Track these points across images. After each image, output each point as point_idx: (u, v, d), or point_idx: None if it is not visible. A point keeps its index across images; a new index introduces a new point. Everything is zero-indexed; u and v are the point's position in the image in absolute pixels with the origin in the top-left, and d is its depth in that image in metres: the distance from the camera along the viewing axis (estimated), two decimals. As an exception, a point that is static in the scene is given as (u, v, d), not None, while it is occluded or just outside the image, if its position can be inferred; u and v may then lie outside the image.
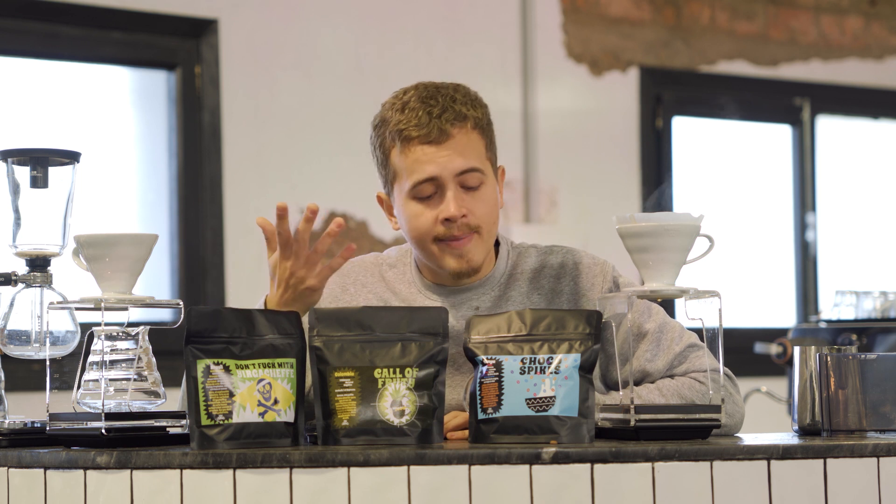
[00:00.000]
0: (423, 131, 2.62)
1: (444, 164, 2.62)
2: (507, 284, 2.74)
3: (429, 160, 2.62)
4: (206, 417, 2.23)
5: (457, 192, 2.63)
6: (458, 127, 2.63)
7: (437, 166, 2.62)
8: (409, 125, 2.62)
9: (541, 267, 2.75)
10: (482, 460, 2.17)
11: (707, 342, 2.49)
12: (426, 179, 2.63)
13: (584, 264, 2.74)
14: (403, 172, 2.64)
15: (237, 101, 5.15)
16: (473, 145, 2.65)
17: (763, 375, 5.45)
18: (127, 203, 5.09)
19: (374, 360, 2.31)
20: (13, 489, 2.33)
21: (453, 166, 2.62)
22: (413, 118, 2.63)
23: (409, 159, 2.63)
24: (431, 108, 2.63)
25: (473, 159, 2.65)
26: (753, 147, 6.31)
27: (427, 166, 2.62)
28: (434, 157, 2.62)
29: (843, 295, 4.94)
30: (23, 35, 4.89)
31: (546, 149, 5.70)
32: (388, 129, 2.65)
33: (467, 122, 2.65)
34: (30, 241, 2.59)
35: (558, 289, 2.73)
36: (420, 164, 2.62)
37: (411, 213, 2.66)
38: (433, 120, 2.62)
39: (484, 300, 2.72)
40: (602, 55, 5.86)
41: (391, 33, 5.44)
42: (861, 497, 2.29)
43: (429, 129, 2.62)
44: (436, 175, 2.62)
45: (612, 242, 2.65)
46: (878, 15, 6.47)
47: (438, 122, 2.62)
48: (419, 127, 2.62)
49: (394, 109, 2.66)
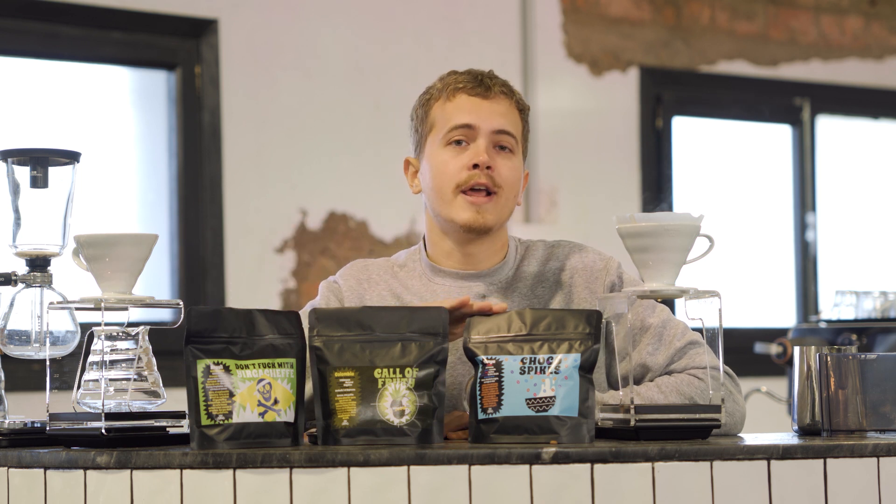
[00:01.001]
0: (472, 84, 2.76)
1: (484, 117, 2.73)
2: (515, 277, 2.77)
3: (471, 108, 2.74)
4: (206, 417, 2.23)
5: (488, 146, 2.73)
6: (503, 95, 2.77)
7: (478, 116, 2.73)
8: (459, 80, 2.77)
9: (547, 259, 2.79)
10: (482, 460, 2.17)
11: (707, 342, 2.50)
12: (464, 125, 2.73)
13: (590, 258, 2.78)
14: (442, 121, 2.75)
15: (237, 101, 5.15)
16: (513, 118, 2.77)
17: (763, 375, 5.45)
18: (127, 203, 5.09)
19: (374, 360, 2.31)
20: (13, 489, 2.33)
21: (492, 121, 2.73)
22: (463, 77, 2.77)
23: (451, 105, 2.75)
24: (482, 74, 2.78)
25: (511, 126, 2.75)
26: (753, 147, 6.31)
27: (468, 114, 2.73)
28: (477, 108, 2.74)
29: (843, 295, 4.94)
30: (23, 35, 4.89)
31: (546, 149, 5.70)
32: (435, 88, 2.78)
33: (513, 96, 2.78)
34: (30, 241, 2.59)
35: (563, 280, 2.77)
36: (462, 110, 2.74)
37: (440, 160, 2.74)
38: (484, 79, 2.77)
39: (491, 289, 2.74)
40: (602, 55, 5.86)
41: (391, 33, 5.44)
42: (861, 497, 2.29)
43: (477, 84, 2.76)
44: (473, 123, 2.73)
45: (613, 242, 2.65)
46: (878, 15, 6.46)
47: (488, 82, 2.76)
48: (469, 82, 2.76)
49: (443, 76, 2.80)
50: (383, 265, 2.84)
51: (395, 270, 2.82)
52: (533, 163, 5.65)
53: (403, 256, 2.85)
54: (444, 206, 2.73)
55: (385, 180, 5.28)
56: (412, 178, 2.82)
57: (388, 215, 5.38)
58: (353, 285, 2.79)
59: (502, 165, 2.73)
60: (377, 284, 2.79)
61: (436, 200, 2.75)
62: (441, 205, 2.74)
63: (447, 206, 2.73)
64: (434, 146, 2.75)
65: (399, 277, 2.80)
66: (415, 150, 2.81)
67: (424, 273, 2.79)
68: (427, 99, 2.79)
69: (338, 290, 2.79)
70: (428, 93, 2.80)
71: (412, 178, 2.82)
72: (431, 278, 2.78)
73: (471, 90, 2.75)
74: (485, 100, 2.74)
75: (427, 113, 2.77)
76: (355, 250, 5.26)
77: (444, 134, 2.73)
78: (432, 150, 2.75)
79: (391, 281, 2.80)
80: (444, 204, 2.73)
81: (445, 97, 2.75)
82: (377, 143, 5.30)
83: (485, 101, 2.74)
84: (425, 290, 2.76)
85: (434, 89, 2.78)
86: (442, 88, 2.77)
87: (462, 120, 2.73)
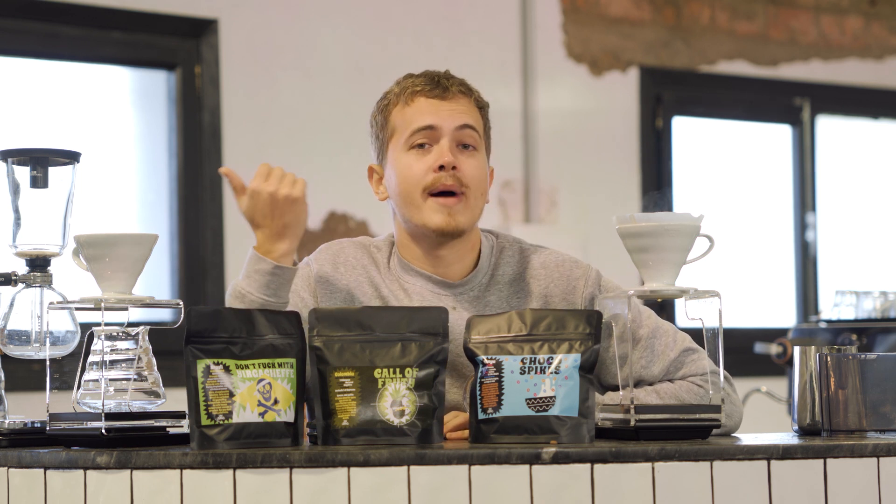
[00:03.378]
0: (429, 87, 2.73)
1: (444, 117, 2.71)
2: (489, 285, 2.74)
3: (430, 110, 2.72)
4: (206, 417, 2.23)
5: (451, 146, 2.70)
6: (461, 94, 2.74)
7: (438, 117, 2.71)
8: (416, 83, 2.74)
9: (523, 267, 2.75)
10: (482, 460, 2.17)
11: (707, 342, 2.49)
12: (425, 127, 2.71)
13: (567, 268, 2.74)
14: (402, 126, 2.72)
15: (237, 101, 5.15)
16: (473, 115, 2.75)
17: (763, 375, 5.45)
18: (127, 203, 5.09)
19: (374, 360, 2.31)
20: (13, 489, 2.33)
21: (453, 119, 2.71)
22: (419, 80, 2.75)
23: (410, 110, 2.72)
24: (437, 75, 2.76)
25: (472, 121, 2.73)
26: (753, 147, 6.31)
27: (427, 116, 2.71)
28: (436, 109, 2.72)
29: (843, 295, 4.94)
30: (23, 35, 4.89)
31: (546, 149, 5.70)
32: (392, 93, 2.76)
33: (471, 94, 2.76)
34: (30, 241, 2.59)
35: (538, 292, 2.72)
36: (421, 113, 2.71)
37: (404, 164, 2.72)
38: (441, 80, 2.74)
39: (461, 300, 2.72)
40: (602, 55, 5.86)
41: (391, 33, 5.44)
42: (861, 497, 2.29)
43: (434, 85, 2.73)
44: (435, 124, 2.71)
45: (612, 242, 2.65)
46: (878, 15, 6.46)
47: (445, 83, 2.74)
48: (426, 84, 2.74)
49: (399, 80, 2.78)
50: (360, 244, 2.79)
51: (371, 251, 2.78)
52: (533, 163, 5.65)
53: (382, 242, 2.81)
54: (413, 211, 2.71)
55: (385, 180, 5.28)
56: (377, 185, 2.79)
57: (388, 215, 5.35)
58: (328, 270, 2.73)
59: (467, 165, 2.70)
60: (353, 269, 2.75)
61: (404, 206, 2.72)
62: (410, 210, 2.71)
63: (417, 211, 2.70)
64: (397, 151, 2.72)
65: (375, 259, 2.76)
66: (377, 157, 2.78)
67: (395, 270, 2.76)
68: (385, 104, 2.76)
69: (308, 275, 2.73)
70: (386, 98, 2.77)
71: (377, 185, 2.79)
72: (401, 276, 2.75)
73: (429, 92, 2.72)
74: (444, 101, 2.72)
75: (387, 119, 2.75)
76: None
77: (407, 138, 2.71)
78: (395, 155, 2.73)
79: (370, 266, 2.75)
80: (413, 209, 2.71)
81: (404, 101, 2.73)
82: (377, 143, 5.30)
83: (444, 102, 2.72)
84: (398, 289, 2.74)
85: (391, 94, 2.76)
86: (399, 93, 2.74)
87: (423, 122, 2.71)
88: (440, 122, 2.70)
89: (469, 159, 2.71)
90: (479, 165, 2.72)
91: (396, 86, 2.76)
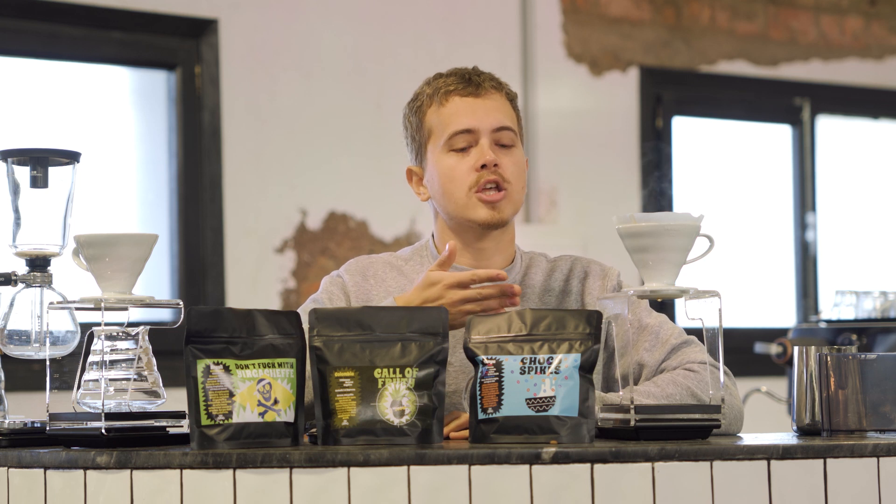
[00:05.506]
0: (461, 85, 2.75)
1: (480, 118, 2.74)
2: (523, 285, 2.79)
3: (466, 112, 2.74)
4: (206, 417, 2.23)
5: (491, 144, 2.74)
6: (494, 90, 2.77)
7: (474, 119, 2.73)
8: (448, 83, 2.76)
9: (551, 271, 2.82)
10: (482, 460, 2.17)
11: (707, 342, 2.50)
12: (463, 130, 2.73)
13: (592, 266, 2.82)
14: (439, 127, 2.75)
15: (237, 101, 5.15)
16: (507, 111, 2.78)
17: (763, 375, 5.45)
18: (127, 203, 5.09)
19: (374, 360, 2.31)
20: (13, 489, 2.33)
21: (489, 120, 2.74)
22: (451, 79, 2.77)
23: (446, 112, 2.75)
24: (468, 73, 2.78)
25: (508, 120, 2.76)
26: (753, 147, 6.31)
27: (464, 118, 2.74)
28: (472, 109, 2.74)
29: (843, 295, 4.94)
30: (23, 35, 4.89)
31: (546, 149, 5.70)
32: (424, 94, 2.77)
33: (502, 89, 2.79)
34: (30, 241, 2.59)
35: (570, 289, 2.79)
36: (457, 115, 2.74)
37: (446, 165, 2.74)
38: (472, 77, 2.76)
39: None
40: (602, 55, 5.86)
41: (391, 34, 5.44)
42: (861, 497, 2.29)
43: (466, 84, 2.75)
44: (472, 127, 2.73)
45: (612, 242, 2.66)
46: (878, 15, 6.46)
47: (477, 80, 2.76)
48: (458, 83, 2.75)
49: (429, 81, 2.79)
50: (387, 262, 2.84)
51: (399, 265, 2.82)
52: (533, 163, 5.65)
53: (409, 251, 2.86)
54: (459, 209, 2.75)
55: (385, 180, 5.28)
56: (417, 186, 2.82)
57: (388, 215, 5.38)
58: (358, 281, 2.79)
59: (507, 161, 2.74)
60: (382, 282, 2.79)
61: (449, 205, 2.75)
62: (456, 208, 2.75)
63: (462, 209, 2.74)
64: (436, 153, 2.75)
65: (404, 272, 2.80)
66: (415, 159, 2.81)
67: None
68: (419, 106, 2.78)
69: (342, 284, 2.79)
70: (418, 99, 2.79)
71: (417, 185, 2.82)
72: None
73: (462, 90, 2.75)
74: (478, 98, 2.75)
75: (422, 120, 2.77)
76: (355, 250, 5.25)
77: (446, 140, 2.74)
78: (435, 156, 2.76)
79: (398, 277, 2.80)
80: (458, 207, 2.74)
81: (438, 102, 2.75)
82: (377, 143, 5.30)
83: (478, 100, 2.75)
84: None
85: (424, 95, 2.78)
86: (432, 94, 2.76)
87: (461, 125, 2.73)
88: (477, 125, 2.73)
89: (507, 156, 2.75)
90: (518, 161, 2.77)
91: (427, 86, 2.78)
